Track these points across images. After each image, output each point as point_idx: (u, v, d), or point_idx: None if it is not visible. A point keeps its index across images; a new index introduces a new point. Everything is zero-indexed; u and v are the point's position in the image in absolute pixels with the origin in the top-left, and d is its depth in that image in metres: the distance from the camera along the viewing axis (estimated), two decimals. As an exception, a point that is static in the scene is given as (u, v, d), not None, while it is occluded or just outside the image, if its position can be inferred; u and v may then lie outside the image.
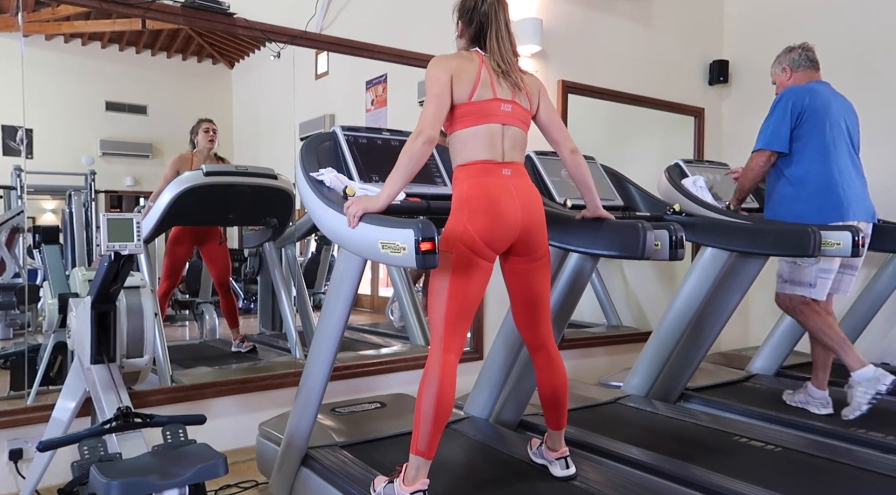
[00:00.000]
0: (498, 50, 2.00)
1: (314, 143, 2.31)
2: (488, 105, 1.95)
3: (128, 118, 3.48)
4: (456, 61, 1.96)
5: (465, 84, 1.93)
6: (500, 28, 2.01)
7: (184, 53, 3.47)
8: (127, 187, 3.75)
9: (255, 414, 3.00)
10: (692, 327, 2.92)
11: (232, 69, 3.73)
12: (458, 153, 1.97)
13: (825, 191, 2.81)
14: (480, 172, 1.92)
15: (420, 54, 3.45)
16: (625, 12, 4.40)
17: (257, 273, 4.44)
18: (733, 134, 4.96)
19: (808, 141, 2.83)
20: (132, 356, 2.27)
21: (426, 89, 1.93)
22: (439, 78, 1.90)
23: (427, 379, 1.86)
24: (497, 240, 1.89)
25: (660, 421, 2.85)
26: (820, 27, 4.27)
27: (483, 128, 1.95)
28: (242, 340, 3.91)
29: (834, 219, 2.76)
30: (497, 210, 1.88)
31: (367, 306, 5.12)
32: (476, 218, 1.86)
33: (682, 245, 2.06)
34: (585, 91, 4.19)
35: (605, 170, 3.09)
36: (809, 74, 2.98)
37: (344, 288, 2.03)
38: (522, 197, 1.95)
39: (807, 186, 2.84)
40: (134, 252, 1.95)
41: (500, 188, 1.92)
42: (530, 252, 1.98)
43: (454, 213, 1.89)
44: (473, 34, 2.03)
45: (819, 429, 2.67)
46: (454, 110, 1.94)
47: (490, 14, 2.00)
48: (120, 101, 3.43)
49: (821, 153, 2.82)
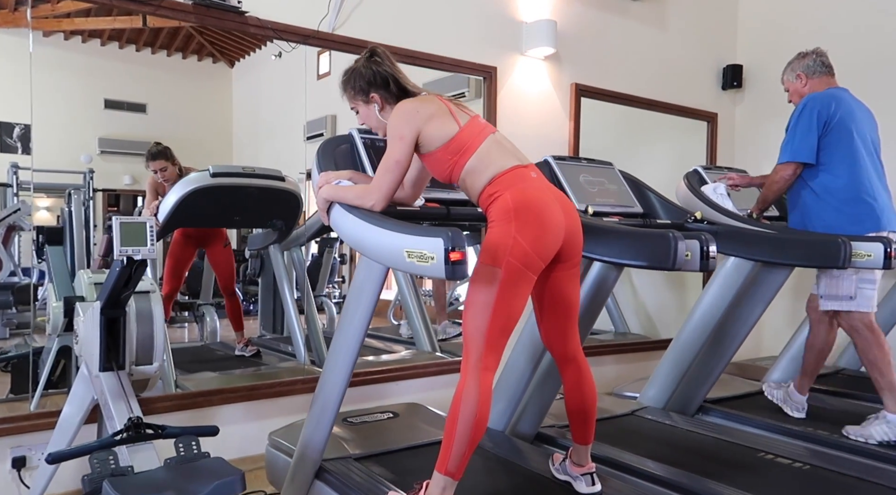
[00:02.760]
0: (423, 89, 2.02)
1: (331, 145, 2.25)
2: (475, 122, 1.95)
3: (127, 116, 3.42)
4: (422, 106, 1.93)
5: (444, 120, 1.91)
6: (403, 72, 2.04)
7: (184, 52, 3.42)
8: (125, 186, 3.70)
9: (263, 421, 2.93)
10: (712, 338, 2.86)
11: (232, 68, 3.68)
12: (481, 174, 1.89)
13: (856, 201, 2.74)
14: (518, 179, 1.85)
15: (433, 55, 3.40)
16: (638, 15, 4.34)
17: (258, 274, 4.37)
18: (746, 139, 4.90)
19: (835, 150, 2.76)
20: (142, 363, 2.20)
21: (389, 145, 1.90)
22: (404, 137, 1.88)
23: (465, 399, 1.76)
24: (548, 249, 1.81)
25: (680, 434, 2.78)
26: (835, 31, 4.22)
27: (487, 141, 1.92)
28: (247, 344, 3.83)
29: (870, 229, 2.69)
30: (546, 218, 1.80)
31: None
32: (527, 229, 1.76)
33: (713, 255, 2.00)
34: (598, 94, 4.13)
35: (623, 176, 3.02)
36: (826, 81, 2.92)
37: (364, 297, 1.96)
38: (560, 200, 1.89)
39: (835, 196, 2.77)
40: (147, 257, 1.88)
41: (541, 193, 1.84)
42: (569, 258, 1.91)
43: (499, 225, 1.79)
44: (396, 92, 1.99)
45: (845, 446, 2.60)
46: (449, 147, 1.90)
47: (391, 67, 2.01)
48: (119, 99, 3.37)
49: (848, 162, 2.75)
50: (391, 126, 1.91)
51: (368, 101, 2.01)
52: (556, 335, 2.02)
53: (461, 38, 3.53)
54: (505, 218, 1.79)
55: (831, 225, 2.75)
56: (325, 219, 2.00)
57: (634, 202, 2.93)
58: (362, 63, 2.02)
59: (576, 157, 2.93)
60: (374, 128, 2.06)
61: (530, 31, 3.75)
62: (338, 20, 3.16)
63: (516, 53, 3.75)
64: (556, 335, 2.02)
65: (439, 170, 1.96)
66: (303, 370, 3.39)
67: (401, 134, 1.88)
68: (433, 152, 1.92)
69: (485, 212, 1.91)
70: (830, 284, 2.78)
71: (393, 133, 1.89)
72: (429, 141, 1.91)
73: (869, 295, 2.75)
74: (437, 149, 1.91)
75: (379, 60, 2.01)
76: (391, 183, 1.85)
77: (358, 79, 2.00)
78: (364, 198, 1.85)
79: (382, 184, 1.85)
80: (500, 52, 3.68)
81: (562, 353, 2.03)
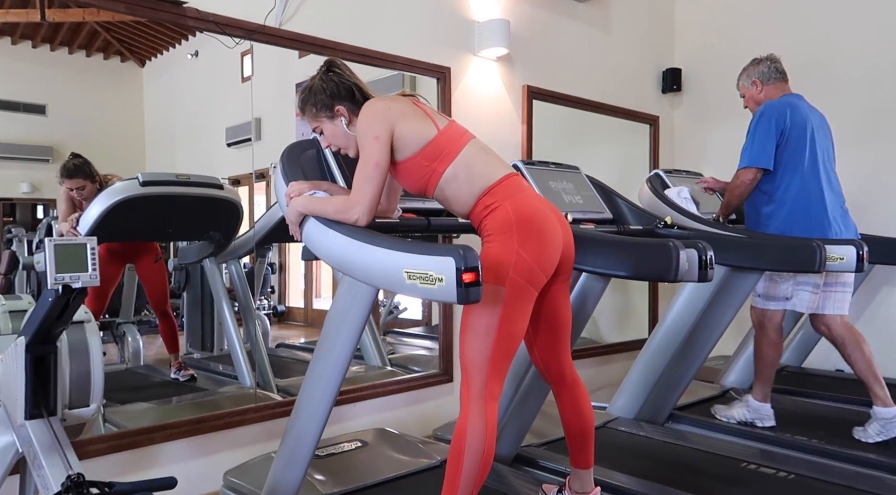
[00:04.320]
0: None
1: (296, 151, 2.02)
2: (454, 126, 1.80)
3: (23, 118, 3.08)
4: (394, 104, 1.77)
5: (420, 121, 1.75)
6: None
7: (88, 49, 3.11)
8: (23, 194, 3.34)
9: (212, 457, 2.64)
10: (683, 345, 2.80)
11: (143, 68, 3.39)
12: (468, 184, 1.73)
13: (806, 209, 2.78)
14: (515, 188, 1.69)
15: (386, 54, 3.20)
16: (584, 17, 4.30)
17: (183, 288, 4.05)
18: (686, 143, 4.97)
19: (790, 158, 2.79)
20: (77, 406, 1.88)
21: (363, 150, 1.72)
22: (379, 136, 1.69)
23: (470, 434, 1.58)
24: (551, 263, 1.67)
25: (656, 447, 2.71)
26: (770, 37, 4.30)
27: (469, 147, 1.77)
28: (180, 367, 3.50)
29: (817, 237, 2.71)
30: (546, 230, 1.66)
31: (300, 320, 4.80)
32: (529, 242, 1.62)
33: (712, 265, 1.91)
34: (549, 97, 4.05)
35: (590, 181, 2.93)
36: (781, 87, 2.95)
37: (348, 323, 1.74)
38: (553, 210, 1.74)
39: (786, 204, 2.81)
40: (89, 284, 1.59)
41: (540, 203, 1.70)
42: (564, 271, 1.77)
43: (499, 238, 1.64)
44: (362, 102, 1.82)
45: (820, 450, 2.59)
46: (426, 152, 1.73)
47: (352, 76, 1.85)
48: (14, 100, 3.03)
49: (802, 171, 2.79)
50: (362, 128, 1.71)
51: (334, 116, 1.81)
52: (550, 355, 1.88)
53: (413, 36, 3.35)
54: (506, 231, 1.63)
55: (780, 233, 2.78)
56: (297, 234, 1.78)
57: (604, 208, 2.84)
58: (320, 77, 1.83)
59: (544, 162, 2.81)
60: (342, 147, 1.86)
61: (483, 31, 3.62)
62: (285, 14, 2.91)
63: (469, 54, 3.61)
64: (550, 355, 1.88)
65: (413, 180, 1.78)
66: (251, 396, 3.11)
67: (375, 133, 1.68)
68: (408, 159, 1.74)
69: (477, 226, 1.74)
70: (770, 286, 2.84)
71: (366, 134, 1.70)
72: (403, 144, 1.72)
73: (806, 297, 2.80)
74: (413, 154, 1.73)
75: (339, 71, 1.83)
76: (374, 191, 1.65)
77: (319, 94, 1.80)
78: (347, 212, 1.65)
79: (365, 193, 1.65)
80: (454, 51, 3.53)
81: (558, 374, 1.89)
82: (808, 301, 2.80)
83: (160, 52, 3.32)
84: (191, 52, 3.17)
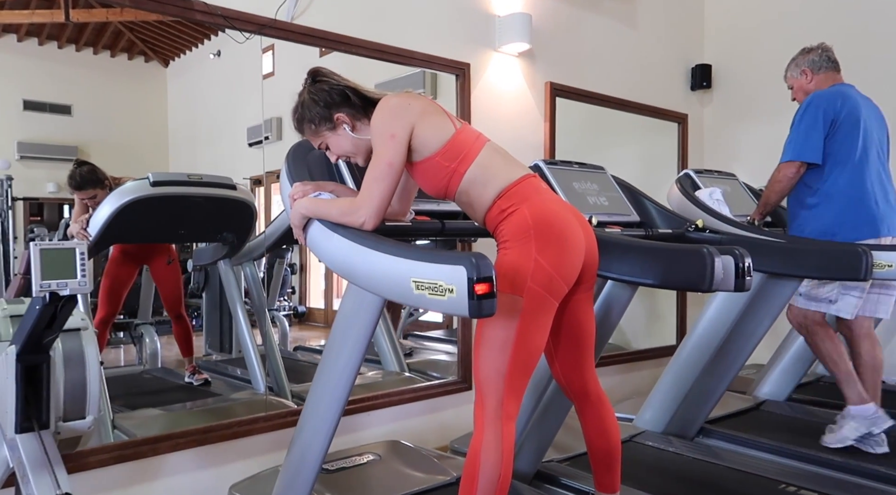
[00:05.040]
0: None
1: (302, 150, 1.91)
2: (469, 127, 1.70)
3: (50, 118, 3.08)
4: (413, 100, 1.64)
5: (440, 119, 1.64)
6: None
7: (112, 49, 3.09)
8: (49, 194, 3.34)
9: (219, 468, 2.55)
10: (716, 355, 2.64)
11: (166, 68, 3.36)
12: (485, 186, 1.61)
13: (857, 205, 2.60)
14: (532, 191, 1.56)
15: (403, 50, 3.08)
16: (610, 11, 4.13)
17: (202, 289, 3.99)
18: (715, 141, 4.77)
19: (840, 150, 2.60)
20: (71, 418, 1.79)
21: (377, 148, 1.60)
22: (395, 134, 1.57)
23: (485, 456, 1.46)
24: (572, 271, 1.54)
25: (686, 463, 2.55)
26: (807, 30, 4.08)
27: (487, 149, 1.65)
28: (194, 371, 3.43)
29: (867, 236, 2.55)
30: (568, 235, 1.53)
31: (321, 321, 4.72)
32: (549, 249, 1.49)
33: (750, 273, 1.75)
34: (573, 94, 3.89)
35: (616, 181, 2.78)
36: (832, 76, 2.75)
37: (354, 331, 1.62)
38: (575, 214, 1.61)
39: (836, 200, 2.62)
40: (78, 292, 1.49)
41: (560, 206, 1.57)
42: (587, 280, 1.64)
43: (516, 245, 1.51)
44: (361, 104, 1.70)
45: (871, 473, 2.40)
46: (446, 152, 1.61)
47: (342, 79, 1.72)
48: (40, 100, 3.03)
49: (852, 164, 2.60)
50: (378, 124, 1.59)
51: (335, 126, 1.69)
52: (573, 369, 1.74)
53: (431, 31, 3.23)
54: (523, 237, 1.50)
55: (828, 231, 2.61)
56: (301, 238, 1.66)
57: (631, 210, 2.69)
58: (308, 89, 1.71)
59: (567, 162, 2.67)
60: (351, 155, 1.73)
61: (504, 26, 3.48)
62: (297, 9, 2.81)
63: (489, 49, 3.47)
64: (573, 369, 1.74)
65: (434, 181, 1.65)
66: (263, 403, 3.01)
67: (392, 131, 1.56)
68: (428, 159, 1.61)
69: (493, 231, 1.61)
70: (815, 286, 2.66)
71: (382, 132, 1.57)
72: (423, 143, 1.60)
73: (852, 302, 2.62)
74: (433, 154, 1.60)
75: (326, 79, 1.71)
76: (384, 193, 1.53)
77: (312, 107, 1.69)
78: (352, 214, 1.53)
79: (374, 195, 1.53)
80: (473, 47, 3.40)
81: (581, 390, 1.76)
82: (854, 306, 2.62)
83: (183, 52, 3.31)
84: (213, 52, 3.15)
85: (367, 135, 1.68)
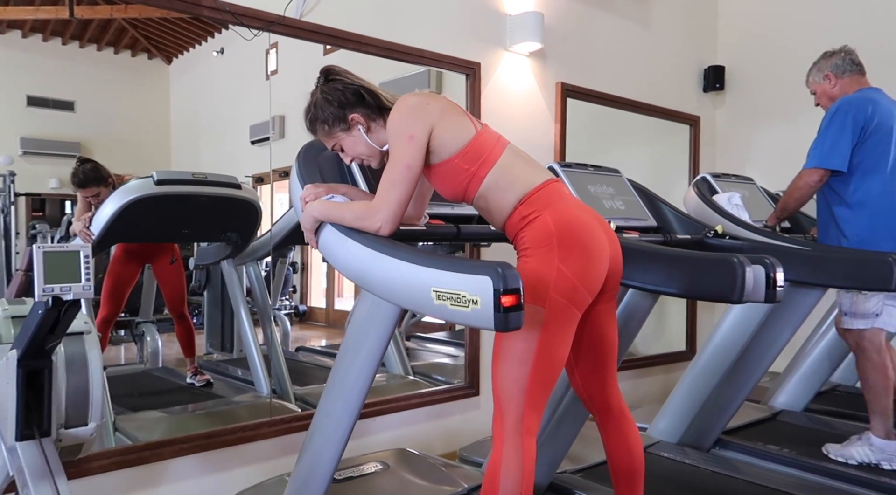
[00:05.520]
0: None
1: (313, 151, 1.84)
2: (490, 128, 1.63)
3: (53, 114, 3.06)
4: (432, 99, 1.58)
5: (460, 120, 1.58)
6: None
7: (116, 46, 3.06)
8: (52, 190, 3.30)
9: (222, 474, 2.49)
10: (734, 365, 2.57)
11: (170, 65, 3.33)
12: (506, 192, 1.55)
13: (890, 215, 2.52)
14: (556, 196, 1.50)
15: (413, 49, 3.01)
16: (623, 10, 4.07)
17: (204, 287, 3.94)
18: (728, 144, 4.71)
19: (871, 157, 2.52)
20: (74, 425, 1.73)
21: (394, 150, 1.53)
22: (414, 136, 1.51)
23: (505, 474, 1.39)
24: (596, 281, 1.48)
25: (703, 476, 2.48)
26: (824, 32, 4.02)
27: (508, 152, 1.59)
28: (196, 372, 3.37)
29: None
30: (592, 243, 1.46)
31: (322, 320, 4.67)
32: (572, 257, 1.42)
33: (781, 284, 1.68)
34: (584, 95, 3.83)
35: (633, 185, 2.71)
36: (858, 80, 2.67)
37: (368, 341, 1.55)
38: (599, 220, 1.54)
39: (869, 208, 2.54)
40: (82, 296, 1.43)
41: (584, 213, 1.50)
42: (610, 289, 1.57)
43: (538, 253, 1.45)
44: (375, 105, 1.63)
45: (891, 488, 2.34)
46: (466, 154, 1.54)
47: (355, 80, 1.65)
48: (44, 96, 3.01)
49: (884, 172, 2.53)
50: (395, 125, 1.53)
51: (350, 127, 1.63)
52: (595, 382, 1.67)
53: (441, 29, 3.16)
54: (545, 244, 1.43)
55: (865, 239, 2.52)
56: (313, 243, 1.60)
57: (647, 215, 2.62)
58: (321, 89, 1.64)
59: (582, 165, 2.60)
60: (365, 158, 1.67)
61: (515, 24, 3.41)
62: (306, 5, 2.74)
63: (500, 48, 3.41)
64: (595, 382, 1.67)
65: (452, 185, 1.58)
66: (267, 407, 2.95)
67: (410, 132, 1.49)
68: (446, 161, 1.55)
69: (513, 238, 1.55)
70: (857, 301, 2.55)
71: (399, 132, 1.51)
72: (442, 145, 1.53)
73: (894, 312, 2.53)
74: (452, 156, 1.54)
75: (339, 77, 1.64)
76: (402, 197, 1.47)
77: (325, 107, 1.62)
78: (368, 219, 1.46)
79: (391, 199, 1.46)
80: (484, 46, 3.33)
81: (603, 404, 1.69)
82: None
83: (187, 50, 3.28)
84: (216, 50, 3.12)
85: (382, 137, 1.62)
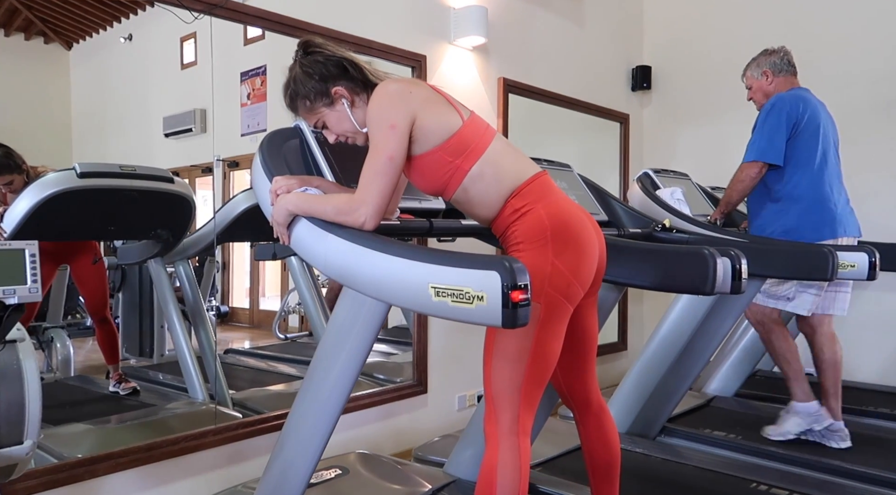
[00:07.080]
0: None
1: (277, 141, 1.74)
2: (477, 118, 1.57)
3: None
4: (414, 87, 1.52)
5: (444, 109, 1.51)
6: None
7: (6, 28, 2.81)
8: None
9: (166, 488, 2.33)
10: (679, 357, 2.65)
11: (70, 50, 3.09)
12: (495, 184, 1.50)
13: (818, 207, 2.68)
14: (547, 189, 1.47)
15: (361, 39, 2.93)
16: (560, 8, 4.12)
17: (119, 288, 3.68)
18: (654, 142, 4.87)
19: (801, 153, 2.68)
20: (7, 444, 1.55)
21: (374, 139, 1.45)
22: (396, 125, 1.43)
23: (502, 475, 1.36)
24: (589, 276, 1.46)
25: (653, 464, 2.54)
26: (744, 35, 4.22)
27: (496, 142, 1.54)
28: (120, 379, 3.14)
29: (826, 236, 2.64)
30: (584, 237, 1.45)
31: (246, 322, 4.49)
32: (566, 251, 1.40)
33: (746, 275, 1.74)
34: (524, 91, 3.85)
35: (583, 181, 2.74)
36: (790, 80, 2.84)
37: (349, 344, 1.47)
38: (588, 215, 1.53)
39: (798, 201, 2.69)
40: (28, 300, 1.27)
41: (573, 207, 1.49)
42: (595, 283, 1.56)
43: (530, 247, 1.41)
44: (360, 78, 1.56)
45: (836, 468, 2.46)
46: (449, 146, 1.49)
47: (337, 51, 1.58)
48: None
49: (812, 167, 2.68)
50: (375, 113, 1.45)
51: (333, 102, 1.54)
52: (576, 378, 1.67)
53: (388, 20, 3.09)
54: (539, 238, 1.41)
55: (791, 230, 2.67)
56: (285, 238, 1.50)
57: (599, 209, 2.66)
58: (300, 62, 1.55)
59: (536, 159, 2.59)
60: (349, 135, 1.58)
61: (459, 18, 3.38)
62: (248, -12, 2.60)
63: (445, 42, 3.37)
64: (576, 378, 1.67)
65: (433, 178, 1.52)
66: (207, 414, 2.79)
67: (391, 121, 1.42)
68: (429, 153, 1.49)
69: (502, 232, 1.51)
70: (774, 283, 2.73)
71: (380, 121, 1.43)
72: (424, 135, 1.47)
73: (808, 299, 2.70)
74: (435, 148, 1.48)
75: (319, 49, 1.55)
76: (385, 190, 1.40)
77: (306, 81, 1.53)
78: (351, 213, 1.38)
79: (373, 191, 1.39)
80: (429, 39, 3.28)
81: (583, 399, 1.69)
82: (811, 304, 2.69)
83: (89, 35, 3.05)
84: (124, 36, 2.95)
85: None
